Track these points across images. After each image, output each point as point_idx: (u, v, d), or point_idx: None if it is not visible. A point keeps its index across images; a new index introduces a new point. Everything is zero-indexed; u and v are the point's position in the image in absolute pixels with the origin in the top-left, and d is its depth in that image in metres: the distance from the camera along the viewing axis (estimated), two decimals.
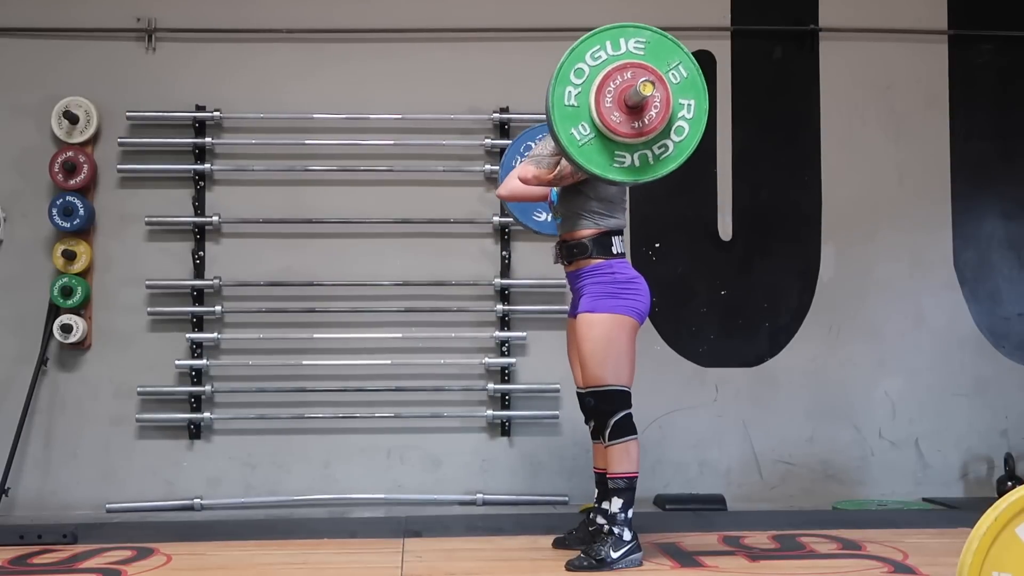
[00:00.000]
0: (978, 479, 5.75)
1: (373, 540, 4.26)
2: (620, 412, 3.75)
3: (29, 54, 5.53)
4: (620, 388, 3.76)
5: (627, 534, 3.73)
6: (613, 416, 3.74)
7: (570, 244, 3.87)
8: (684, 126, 3.51)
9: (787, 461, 5.71)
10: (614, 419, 3.74)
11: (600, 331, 3.74)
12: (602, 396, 3.76)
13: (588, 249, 3.82)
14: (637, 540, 3.75)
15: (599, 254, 3.82)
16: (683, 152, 3.51)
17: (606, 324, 3.74)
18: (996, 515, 2.28)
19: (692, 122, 3.52)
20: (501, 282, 5.55)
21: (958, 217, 5.85)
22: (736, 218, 5.78)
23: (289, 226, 5.56)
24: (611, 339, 3.74)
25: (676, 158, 3.51)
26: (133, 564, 3.80)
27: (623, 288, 3.78)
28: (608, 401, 3.75)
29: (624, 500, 3.74)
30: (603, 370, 3.73)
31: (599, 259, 3.82)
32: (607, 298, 3.76)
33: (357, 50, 5.65)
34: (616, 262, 3.84)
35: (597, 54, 3.50)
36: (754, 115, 5.81)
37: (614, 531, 3.72)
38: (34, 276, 5.45)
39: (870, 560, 3.78)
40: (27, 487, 5.39)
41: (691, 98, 3.52)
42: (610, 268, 3.81)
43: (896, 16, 5.84)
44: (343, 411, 5.50)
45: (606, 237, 3.83)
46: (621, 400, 3.76)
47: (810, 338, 5.74)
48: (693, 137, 3.52)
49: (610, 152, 3.46)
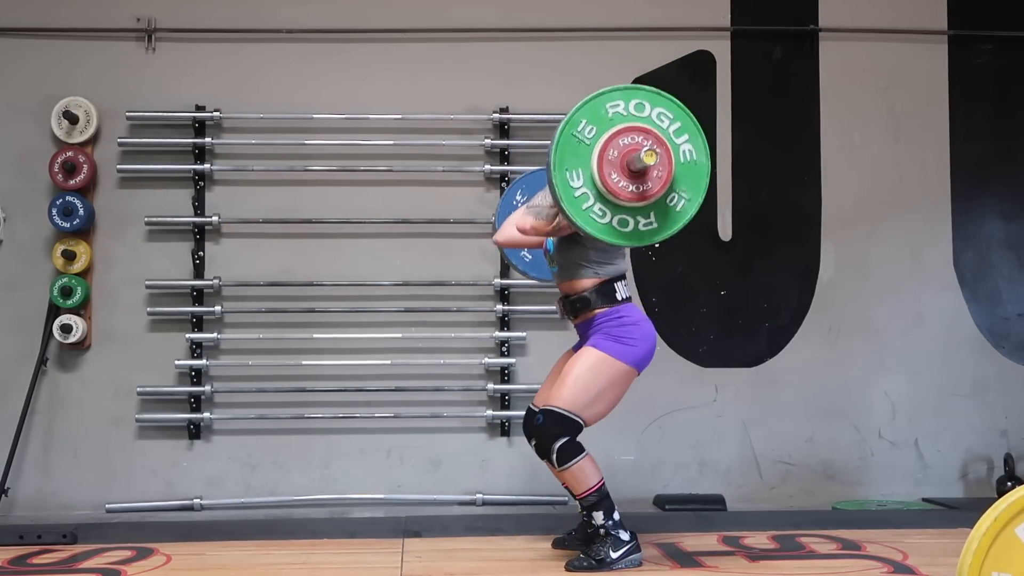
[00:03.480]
0: (978, 479, 5.75)
1: (373, 540, 4.26)
2: (560, 439, 3.66)
3: (29, 54, 5.53)
4: (576, 419, 3.68)
5: (624, 534, 3.72)
6: (557, 440, 3.66)
7: (572, 299, 3.82)
8: (689, 168, 3.53)
9: (787, 461, 5.71)
10: (557, 444, 3.66)
11: (594, 364, 3.71)
12: (555, 417, 3.68)
13: (591, 302, 3.78)
14: (636, 540, 3.75)
15: (604, 303, 3.78)
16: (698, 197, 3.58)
17: (604, 363, 3.71)
18: (996, 515, 2.28)
19: (697, 164, 3.54)
20: (501, 282, 5.55)
21: (958, 217, 5.85)
22: (736, 218, 5.78)
23: (289, 226, 5.56)
24: (599, 377, 3.70)
25: (693, 203, 3.56)
26: (133, 564, 3.81)
27: (629, 333, 3.75)
28: (557, 424, 3.67)
29: (603, 509, 3.72)
30: (572, 395, 3.67)
31: (605, 307, 3.78)
32: (613, 342, 3.72)
33: (357, 50, 5.65)
34: (624, 307, 3.80)
35: (613, 108, 3.48)
36: (754, 115, 5.81)
37: (612, 533, 3.72)
38: (34, 276, 5.45)
39: (870, 560, 3.78)
40: (27, 487, 5.39)
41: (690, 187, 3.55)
42: (617, 313, 3.77)
43: (896, 16, 5.84)
44: (343, 411, 5.50)
45: (608, 285, 3.79)
46: (570, 428, 3.68)
47: (810, 338, 5.74)
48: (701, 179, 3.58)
49: (608, 214, 3.46)
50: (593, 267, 3.79)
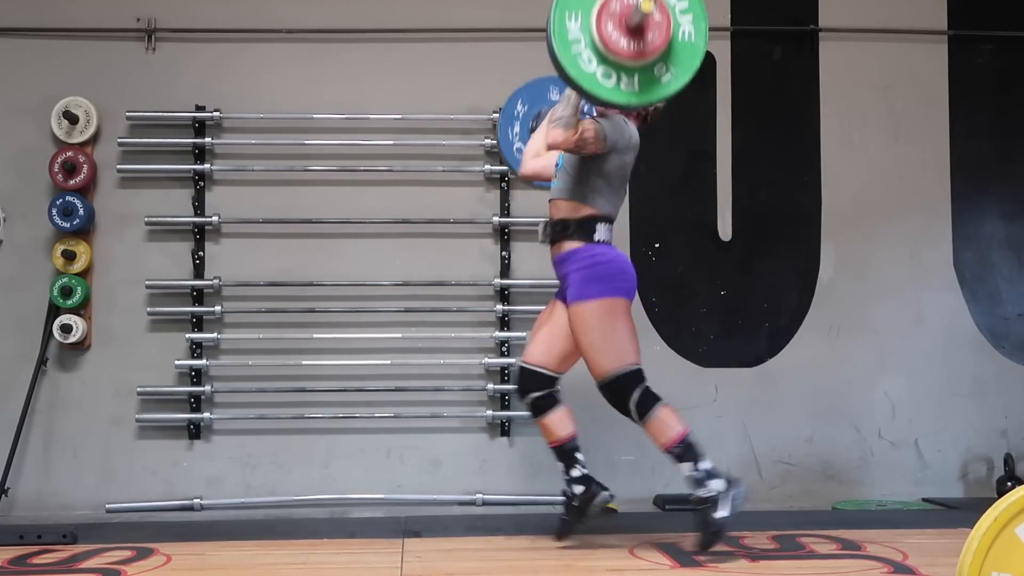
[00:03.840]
0: (978, 479, 5.75)
1: (373, 540, 4.25)
2: (636, 391, 3.74)
3: (29, 54, 5.53)
4: (627, 370, 3.75)
5: (716, 483, 3.72)
6: (630, 398, 3.74)
7: (554, 223, 3.87)
8: (685, 47, 3.41)
9: (787, 461, 5.71)
10: (632, 400, 3.74)
11: (593, 320, 3.75)
12: (612, 386, 3.76)
13: (567, 230, 3.81)
14: (729, 479, 3.74)
15: (580, 238, 3.81)
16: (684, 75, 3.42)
17: (598, 311, 3.74)
18: (996, 515, 2.28)
19: (693, 45, 3.43)
20: (501, 282, 5.55)
21: (958, 217, 5.85)
22: (736, 218, 5.78)
23: (289, 226, 5.56)
24: (605, 325, 3.74)
25: (678, 80, 3.42)
26: (133, 564, 3.80)
27: (606, 269, 3.78)
28: (621, 388, 3.75)
29: (690, 460, 3.74)
30: (605, 358, 3.74)
31: (579, 243, 3.81)
32: (593, 282, 3.75)
33: (357, 50, 5.65)
34: (598, 246, 3.82)
35: None
36: (754, 115, 5.81)
37: (704, 495, 3.72)
38: (34, 276, 5.45)
39: (870, 560, 3.78)
40: (27, 487, 5.39)
41: (692, 21, 3.42)
42: (591, 252, 3.80)
43: (896, 16, 5.84)
44: (343, 411, 5.50)
45: (589, 222, 3.81)
46: (632, 380, 3.75)
47: (810, 338, 5.74)
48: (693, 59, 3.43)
49: (595, 62, 3.38)
50: (589, 193, 3.80)
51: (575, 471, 3.92)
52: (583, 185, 3.83)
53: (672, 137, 5.75)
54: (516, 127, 4.35)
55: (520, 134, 4.38)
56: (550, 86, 4.23)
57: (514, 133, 4.38)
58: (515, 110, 4.31)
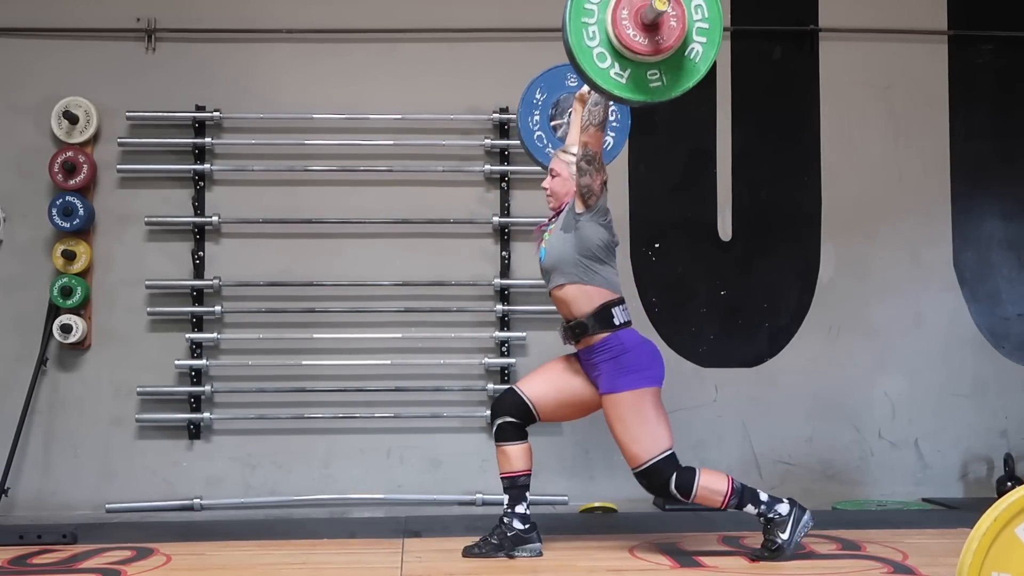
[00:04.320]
0: (978, 479, 5.75)
1: (373, 540, 4.25)
2: (672, 476, 3.76)
3: (29, 54, 5.53)
4: (661, 457, 3.75)
5: (782, 508, 3.78)
6: (670, 484, 3.76)
7: (571, 325, 3.84)
8: (698, 47, 3.37)
9: (787, 461, 5.71)
10: (672, 485, 3.76)
11: (626, 411, 3.75)
12: (649, 473, 3.77)
13: (588, 328, 3.78)
14: (795, 504, 3.80)
15: (602, 329, 3.78)
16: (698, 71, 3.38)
17: (631, 402, 3.74)
18: (996, 515, 2.28)
19: (706, 45, 3.39)
20: (501, 282, 5.55)
21: (958, 217, 5.85)
22: (736, 218, 5.78)
23: (289, 226, 5.56)
24: (638, 414, 3.74)
25: (692, 76, 3.37)
26: (133, 564, 3.80)
27: (635, 360, 3.76)
28: (657, 474, 3.77)
29: (747, 500, 3.79)
30: (640, 447, 3.75)
31: (604, 334, 3.79)
32: (624, 374, 3.75)
33: (357, 50, 5.65)
34: (623, 333, 3.80)
35: None
36: (754, 115, 5.81)
37: (771, 517, 3.78)
38: (34, 276, 5.45)
39: (870, 560, 3.78)
40: (27, 487, 5.39)
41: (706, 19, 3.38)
42: (618, 341, 3.78)
43: (896, 16, 5.84)
44: (343, 411, 5.51)
45: (605, 311, 3.79)
46: (667, 466, 3.76)
47: (810, 338, 5.74)
48: (708, 56, 3.39)
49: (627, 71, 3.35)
50: (580, 272, 3.78)
51: (521, 508, 3.84)
52: (582, 263, 3.79)
53: (672, 137, 5.76)
54: (536, 115, 4.37)
55: (540, 122, 4.40)
56: (567, 73, 4.26)
57: (534, 121, 4.40)
58: (534, 98, 4.34)
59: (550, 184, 3.96)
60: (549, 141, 4.35)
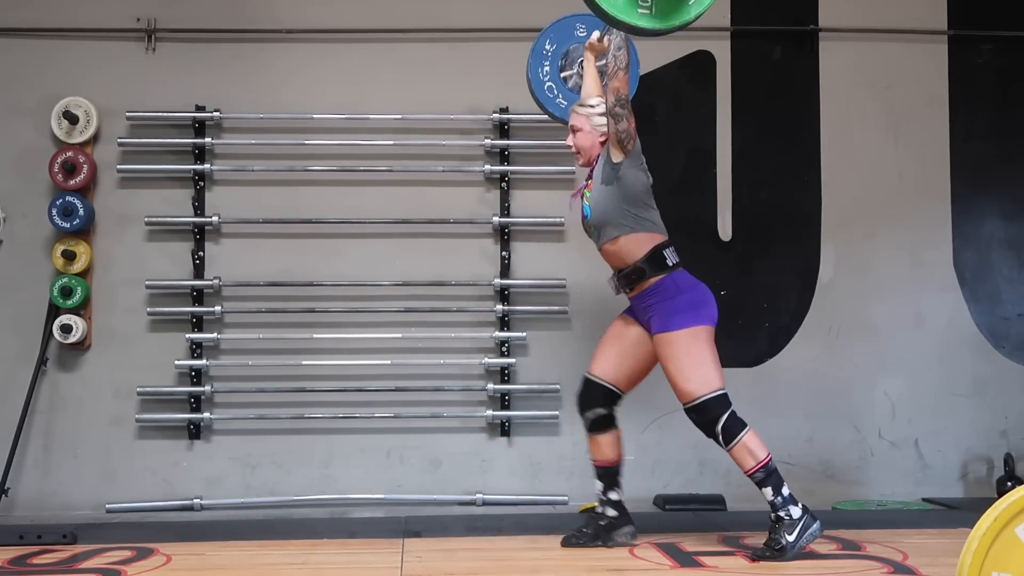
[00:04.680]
0: (978, 479, 5.75)
1: (373, 540, 4.25)
2: (723, 416, 3.79)
3: (29, 54, 5.53)
4: (713, 395, 3.79)
5: (795, 511, 3.78)
6: (718, 423, 3.79)
7: (626, 272, 3.87)
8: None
9: (787, 461, 5.69)
10: (719, 425, 3.79)
11: (679, 348, 3.79)
12: (700, 409, 3.80)
13: (645, 272, 3.84)
14: (808, 512, 3.80)
15: (656, 272, 3.84)
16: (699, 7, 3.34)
17: (683, 340, 3.79)
18: (996, 515, 2.28)
19: None
20: (501, 282, 5.55)
21: (958, 217, 5.85)
22: (736, 218, 5.78)
23: (289, 226, 5.56)
24: (691, 352, 3.79)
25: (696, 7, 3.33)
26: (133, 564, 3.80)
27: (689, 300, 3.82)
28: (707, 411, 3.79)
29: (772, 485, 3.79)
30: (692, 384, 3.78)
31: (658, 276, 3.83)
32: (677, 314, 3.80)
33: (357, 50, 5.65)
34: (676, 274, 3.86)
35: None
36: (754, 115, 5.81)
37: (781, 516, 3.77)
38: (34, 276, 5.45)
39: (870, 560, 3.78)
40: (27, 487, 5.39)
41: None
42: (672, 282, 3.84)
43: (896, 16, 5.84)
44: (343, 411, 5.50)
45: (658, 253, 3.85)
46: (719, 405, 3.80)
47: (810, 338, 5.74)
48: None
49: None
50: (630, 221, 3.84)
51: (614, 494, 3.97)
52: (630, 212, 3.85)
53: (672, 137, 5.76)
54: (546, 66, 4.40)
55: (550, 73, 4.43)
56: (576, 24, 4.29)
57: (544, 72, 4.43)
58: (544, 49, 4.37)
59: (574, 141, 3.99)
60: (560, 92, 4.38)
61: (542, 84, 4.44)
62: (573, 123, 3.99)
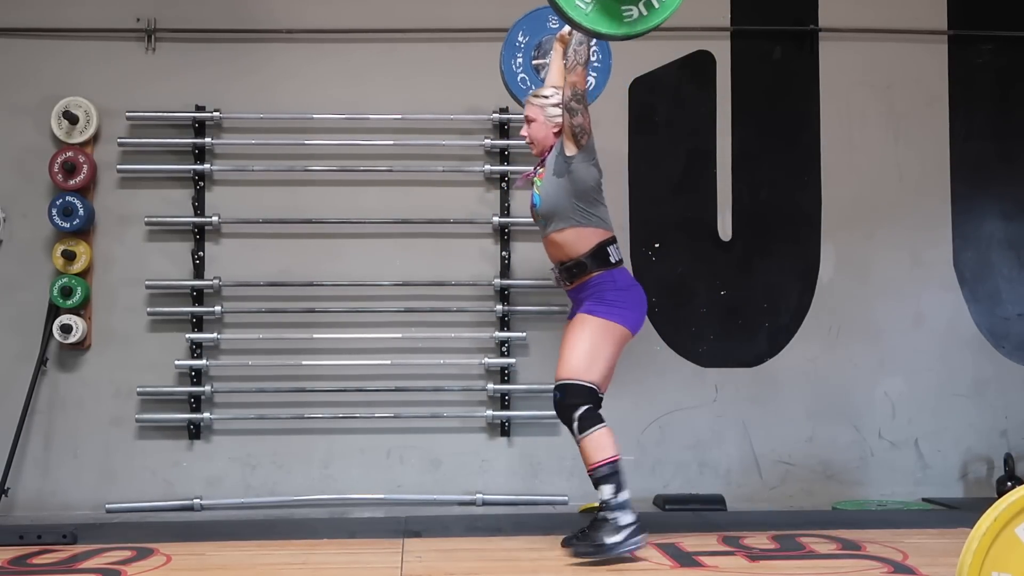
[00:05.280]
0: (978, 479, 5.75)
1: (373, 540, 4.26)
2: (584, 406, 3.78)
3: (29, 54, 5.53)
4: (589, 385, 3.80)
5: (624, 518, 3.74)
6: (577, 409, 3.78)
7: (568, 265, 3.91)
8: None
9: (787, 461, 5.71)
10: (578, 412, 3.78)
11: (590, 330, 3.82)
12: (570, 389, 3.81)
13: (587, 267, 3.88)
14: (638, 522, 3.77)
15: (598, 267, 3.88)
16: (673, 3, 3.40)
17: (595, 327, 3.82)
18: (996, 515, 2.28)
19: None
20: (501, 282, 5.55)
21: (958, 217, 5.85)
22: (736, 218, 5.78)
23: (289, 226, 5.56)
24: (597, 340, 3.80)
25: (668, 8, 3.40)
26: (133, 564, 3.80)
27: (621, 296, 3.85)
28: (574, 394, 3.79)
29: (613, 484, 3.76)
30: (578, 363, 3.79)
31: (599, 271, 3.87)
32: (605, 305, 3.83)
33: (357, 50, 5.65)
34: (617, 271, 3.90)
35: None
36: (754, 115, 5.81)
37: (608, 518, 3.75)
38: (34, 276, 5.45)
39: (870, 560, 3.78)
40: (27, 487, 5.39)
41: None
42: (611, 277, 3.88)
43: (896, 16, 5.84)
44: (343, 411, 5.50)
45: (601, 250, 3.88)
46: (587, 395, 3.80)
47: (810, 338, 5.74)
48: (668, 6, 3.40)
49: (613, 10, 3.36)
50: (578, 215, 3.86)
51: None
52: (579, 206, 3.86)
53: (672, 137, 5.77)
54: (519, 57, 4.42)
55: (523, 64, 4.46)
56: (549, 15, 4.31)
57: (517, 64, 4.46)
58: (517, 40, 4.39)
59: (528, 132, 4.01)
60: (532, 83, 4.41)
61: (515, 75, 4.47)
62: (527, 113, 4.03)
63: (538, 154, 4.04)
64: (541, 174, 3.99)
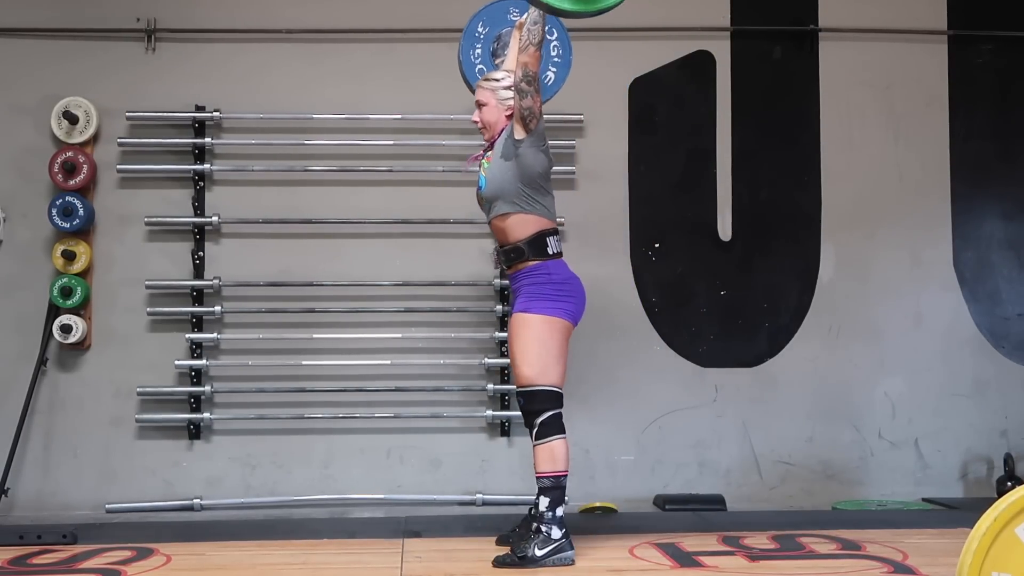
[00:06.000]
0: (978, 479, 5.75)
1: (373, 540, 4.26)
2: (547, 412, 3.76)
3: (29, 54, 5.53)
4: (548, 388, 3.78)
5: (555, 532, 3.74)
6: (539, 416, 3.76)
7: (507, 249, 3.89)
8: None
9: (787, 461, 5.71)
10: (540, 419, 3.76)
11: (532, 332, 3.78)
12: (529, 396, 3.79)
13: (524, 253, 3.84)
14: (568, 539, 3.76)
15: (535, 256, 3.84)
16: None
17: (538, 325, 3.78)
18: (996, 515, 2.28)
19: None
20: (501, 282, 5.55)
21: (958, 217, 5.85)
22: (736, 218, 5.78)
23: (289, 226, 5.56)
24: (542, 340, 3.77)
25: None
26: (133, 564, 3.80)
27: (558, 290, 3.82)
28: (535, 401, 3.77)
29: (551, 498, 3.75)
30: (532, 370, 3.77)
31: (535, 261, 3.84)
32: (541, 299, 3.80)
33: (357, 50, 5.65)
34: (552, 263, 3.86)
35: None
36: (754, 115, 5.81)
37: (541, 529, 3.74)
38: (34, 276, 5.45)
39: (870, 560, 3.78)
40: (27, 487, 5.39)
41: None
42: (546, 269, 3.84)
43: (896, 16, 5.84)
44: (343, 411, 5.50)
45: (540, 239, 3.85)
46: (549, 400, 3.78)
47: (810, 338, 5.74)
48: None
49: None
50: (522, 201, 3.83)
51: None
52: (524, 191, 3.83)
53: (672, 137, 5.76)
54: (478, 48, 4.42)
55: (482, 55, 4.46)
56: (509, 7, 4.31)
57: (475, 54, 4.46)
58: (476, 31, 4.39)
59: (480, 116, 3.99)
60: None
61: (473, 66, 4.47)
62: (479, 98, 4.00)
63: (488, 139, 4.00)
64: (489, 157, 3.95)
